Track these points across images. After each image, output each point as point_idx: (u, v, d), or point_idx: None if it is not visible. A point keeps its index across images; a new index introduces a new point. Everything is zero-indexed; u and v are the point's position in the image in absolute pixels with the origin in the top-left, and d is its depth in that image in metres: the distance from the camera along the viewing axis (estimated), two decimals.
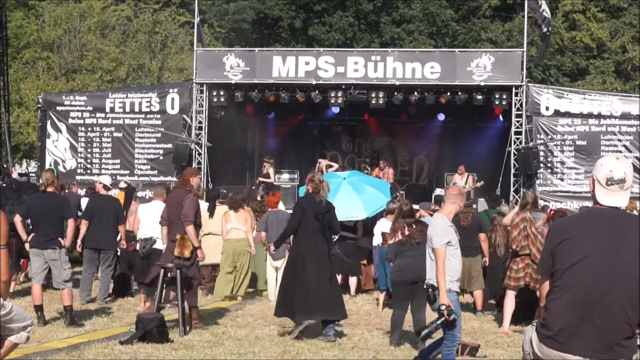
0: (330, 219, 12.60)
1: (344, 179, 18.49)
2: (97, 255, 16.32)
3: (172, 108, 27.14)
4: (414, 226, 12.18)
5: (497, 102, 25.97)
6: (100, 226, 16.06)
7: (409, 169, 33.82)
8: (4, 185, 18.16)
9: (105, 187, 16.88)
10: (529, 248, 13.23)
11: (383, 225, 16.36)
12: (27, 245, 16.30)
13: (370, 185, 18.68)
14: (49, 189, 13.39)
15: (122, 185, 22.48)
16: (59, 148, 27.40)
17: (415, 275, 11.73)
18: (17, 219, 13.58)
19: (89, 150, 27.41)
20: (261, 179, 26.55)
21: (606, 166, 5.22)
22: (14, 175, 18.95)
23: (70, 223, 13.31)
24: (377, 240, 16.70)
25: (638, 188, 22.34)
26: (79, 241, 16.16)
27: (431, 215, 18.06)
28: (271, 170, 26.60)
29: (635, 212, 13.31)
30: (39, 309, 12.99)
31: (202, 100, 26.84)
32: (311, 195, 12.64)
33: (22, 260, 17.43)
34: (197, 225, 12.84)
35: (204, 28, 38.48)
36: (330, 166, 24.91)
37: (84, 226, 16.14)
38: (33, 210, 13.42)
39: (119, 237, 17.14)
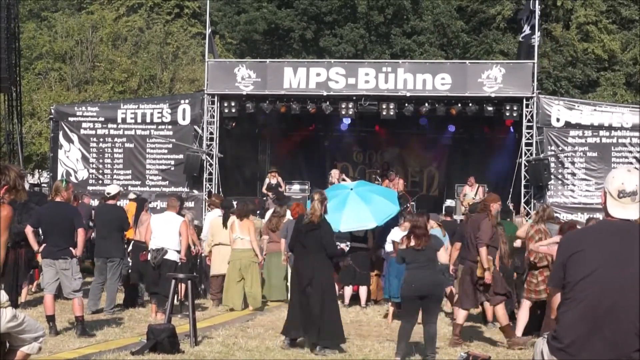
0: (316, 238, 12.28)
1: (351, 189, 18.48)
2: (106, 265, 16.33)
3: (184, 119, 27.18)
4: (421, 237, 12.04)
5: (507, 114, 25.92)
6: (105, 235, 16.05)
7: (419, 180, 33.82)
8: None
9: (106, 197, 16.94)
10: (546, 259, 13.19)
11: (395, 234, 16.35)
12: (38, 256, 16.43)
13: (377, 194, 18.67)
14: (57, 199, 13.44)
15: (132, 196, 22.54)
16: (70, 159, 27.47)
17: (421, 290, 11.69)
18: (29, 229, 13.62)
19: (101, 160, 27.45)
20: (265, 191, 26.51)
21: (618, 178, 5.23)
22: None
23: (80, 233, 13.32)
24: (388, 247, 16.70)
25: None
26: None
27: (440, 226, 18.16)
28: (280, 180, 26.68)
29: None
30: (50, 319, 13.03)
31: (214, 111, 26.87)
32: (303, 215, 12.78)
33: (33, 270, 17.47)
34: (493, 247, 13.21)
35: (215, 39, 38.60)
36: (344, 180, 24.93)
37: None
38: (43, 221, 13.47)
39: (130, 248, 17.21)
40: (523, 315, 13.51)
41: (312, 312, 12.12)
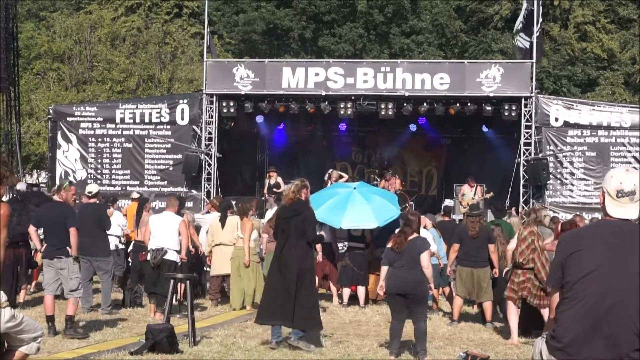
0: (297, 223, 12.28)
1: (354, 188, 18.52)
2: (90, 264, 16.18)
3: (182, 119, 27.19)
4: (401, 236, 12.05)
5: (506, 113, 25.94)
6: (87, 234, 15.92)
7: (418, 180, 33.82)
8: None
9: (87, 196, 16.89)
10: (534, 262, 13.21)
11: None
12: (37, 256, 16.41)
13: (379, 196, 18.75)
14: (56, 198, 13.48)
15: (135, 195, 22.53)
16: (69, 159, 27.47)
17: (397, 287, 11.72)
18: (32, 229, 13.68)
19: (99, 160, 27.45)
20: (266, 192, 26.41)
21: (616, 178, 5.23)
22: (19, 186, 19.05)
23: (72, 232, 13.22)
24: None
25: None
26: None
27: (435, 227, 18.14)
28: (280, 180, 26.59)
29: None
30: (50, 319, 13.00)
31: (212, 111, 26.88)
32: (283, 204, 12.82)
33: (31, 270, 17.44)
34: None
35: (214, 39, 38.57)
36: (341, 177, 24.92)
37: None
38: (42, 221, 13.53)
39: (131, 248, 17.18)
40: (512, 315, 13.52)
41: (287, 297, 12.09)
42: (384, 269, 12.10)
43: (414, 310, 11.75)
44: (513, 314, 13.52)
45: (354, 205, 17.73)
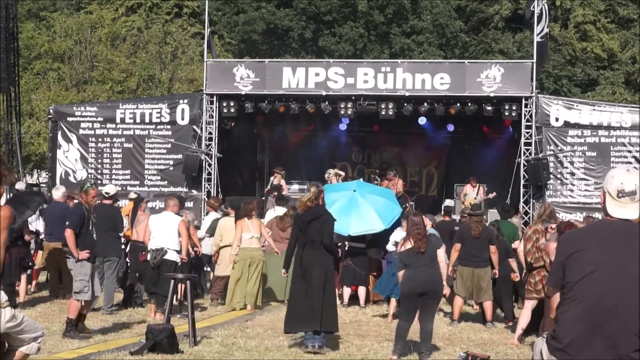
0: (318, 226, 12.33)
1: (354, 191, 18.35)
2: (103, 264, 16.23)
3: (182, 119, 27.16)
4: (420, 237, 12.06)
5: (506, 113, 25.90)
6: (101, 234, 15.94)
7: (418, 180, 33.82)
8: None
9: (104, 197, 16.91)
10: (542, 259, 13.17)
11: (399, 235, 16.31)
12: (37, 256, 16.40)
13: (379, 196, 18.67)
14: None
15: (132, 195, 22.54)
16: (69, 159, 27.45)
17: (422, 287, 11.70)
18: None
19: (100, 161, 27.42)
20: (272, 191, 26.37)
21: (617, 178, 5.23)
22: (19, 185, 19.07)
23: (67, 233, 13.17)
24: (391, 248, 16.66)
25: None
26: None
27: (434, 227, 18.12)
28: (282, 182, 26.54)
29: None
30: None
31: (212, 111, 26.85)
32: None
33: (32, 270, 17.43)
34: None
35: (214, 39, 38.56)
36: (339, 175, 24.90)
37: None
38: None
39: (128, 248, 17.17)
40: (525, 315, 13.50)
41: (315, 301, 12.10)
42: (400, 274, 12.08)
43: (427, 309, 11.79)
44: (525, 314, 13.47)
45: (359, 210, 17.62)
